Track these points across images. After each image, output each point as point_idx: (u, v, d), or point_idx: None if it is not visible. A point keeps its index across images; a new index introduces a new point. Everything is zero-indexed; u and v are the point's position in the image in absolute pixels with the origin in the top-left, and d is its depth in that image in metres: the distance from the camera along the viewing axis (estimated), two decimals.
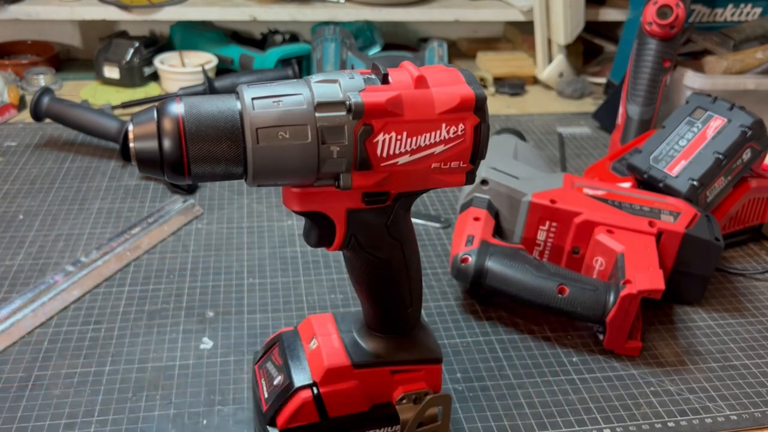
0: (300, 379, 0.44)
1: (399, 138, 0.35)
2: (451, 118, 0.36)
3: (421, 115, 0.36)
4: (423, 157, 0.37)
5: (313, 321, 0.47)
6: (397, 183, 0.38)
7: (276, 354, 0.47)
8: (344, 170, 0.35)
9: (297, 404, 0.44)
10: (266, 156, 0.34)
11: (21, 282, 0.66)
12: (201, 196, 0.83)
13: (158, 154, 0.33)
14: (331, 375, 0.44)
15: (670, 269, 0.67)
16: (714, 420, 0.55)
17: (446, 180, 0.38)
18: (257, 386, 0.47)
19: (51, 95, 0.91)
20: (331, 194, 0.37)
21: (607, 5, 1.28)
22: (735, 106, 0.74)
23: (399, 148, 0.36)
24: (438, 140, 0.36)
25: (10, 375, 0.55)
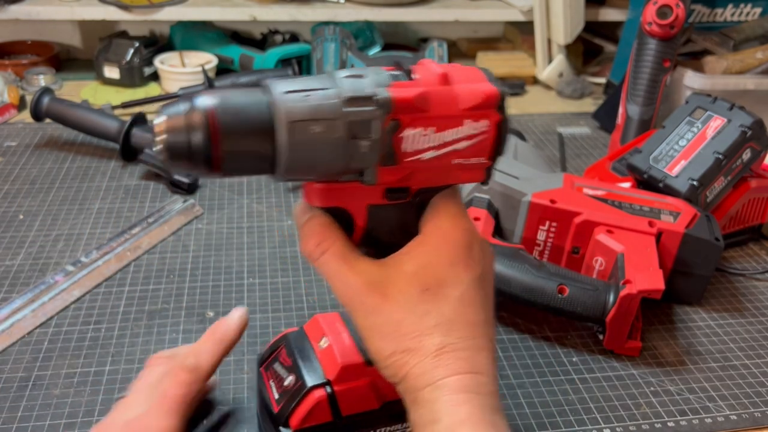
0: (312, 379, 0.44)
1: (425, 134, 0.35)
2: (475, 115, 0.36)
3: (447, 110, 0.36)
4: (446, 153, 0.37)
5: (321, 320, 0.47)
6: (419, 179, 0.38)
7: (284, 355, 0.47)
8: (370, 165, 0.35)
9: (311, 404, 0.44)
10: (298, 150, 0.33)
11: (21, 282, 0.66)
12: (201, 196, 0.83)
13: (188, 148, 0.32)
14: (344, 373, 0.44)
15: (669, 269, 0.67)
16: (714, 420, 0.55)
17: (466, 176, 0.38)
18: (265, 388, 0.47)
19: (51, 95, 0.91)
20: (354, 189, 0.37)
21: (606, 5, 1.28)
22: (735, 106, 0.74)
23: (424, 144, 0.36)
24: (462, 136, 0.36)
25: (10, 375, 0.55)
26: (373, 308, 0.37)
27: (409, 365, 0.36)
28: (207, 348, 0.47)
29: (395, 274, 0.37)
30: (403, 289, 0.37)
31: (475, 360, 0.37)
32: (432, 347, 0.36)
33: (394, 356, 0.36)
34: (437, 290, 0.37)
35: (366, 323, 0.37)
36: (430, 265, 0.37)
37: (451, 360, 0.36)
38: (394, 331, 0.36)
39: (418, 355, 0.36)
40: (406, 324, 0.36)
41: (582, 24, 1.22)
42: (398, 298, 0.37)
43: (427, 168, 0.37)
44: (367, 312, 0.37)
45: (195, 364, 0.45)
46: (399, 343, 0.36)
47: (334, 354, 0.44)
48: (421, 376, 0.36)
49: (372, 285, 0.37)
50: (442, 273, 0.37)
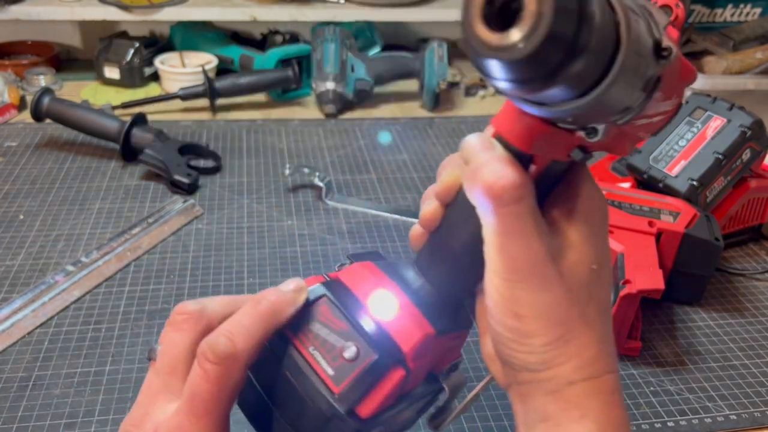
0: (388, 354, 0.33)
1: (658, 98, 0.29)
2: (680, 92, 0.31)
3: (677, 80, 0.30)
4: (647, 125, 0.31)
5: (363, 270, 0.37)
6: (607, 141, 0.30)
7: (328, 314, 0.35)
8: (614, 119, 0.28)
9: (392, 386, 0.33)
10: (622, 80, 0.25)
11: (21, 282, 0.66)
12: (201, 197, 0.83)
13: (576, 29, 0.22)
14: (421, 347, 0.34)
15: (669, 269, 0.67)
16: (714, 420, 0.55)
17: (624, 148, 0.33)
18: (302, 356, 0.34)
19: (51, 95, 0.91)
20: (557, 138, 0.30)
21: None
22: (734, 106, 0.74)
23: (651, 109, 0.29)
24: (665, 110, 0.31)
25: (10, 375, 0.55)
26: (549, 283, 0.31)
27: (567, 358, 0.31)
28: (245, 326, 0.33)
29: (566, 246, 0.32)
30: (575, 265, 0.32)
31: (615, 355, 0.33)
32: (593, 338, 0.32)
33: (556, 343, 0.31)
34: (599, 271, 0.32)
35: (535, 299, 0.31)
36: (593, 238, 0.32)
37: (605, 354, 0.32)
38: (563, 316, 0.31)
39: (577, 346, 0.31)
40: (576, 309, 0.31)
41: None
42: (571, 276, 0.31)
43: (623, 134, 0.31)
44: (543, 286, 0.31)
45: (228, 351, 0.32)
46: (566, 328, 0.31)
47: (407, 321, 0.34)
48: (578, 370, 0.31)
49: (553, 255, 0.31)
50: (600, 250, 0.33)
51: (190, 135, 0.98)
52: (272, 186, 0.86)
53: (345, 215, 0.81)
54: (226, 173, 0.89)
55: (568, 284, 0.31)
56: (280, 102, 1.14)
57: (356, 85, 1.11)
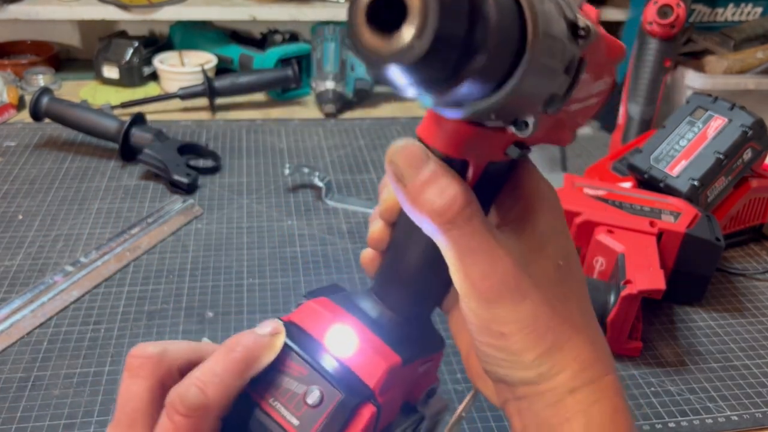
0: (355, 391, 0.31)
1: (589, 80, 0.28)
2: (611, 70, 0.30)
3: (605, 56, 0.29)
4: (581, 109, 0.30)
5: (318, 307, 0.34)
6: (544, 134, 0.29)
7: (286, 360, 0.32)
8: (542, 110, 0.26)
9: (363, 425, 0.31)
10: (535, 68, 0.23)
11: (20, 282, 0.66)
12: (200, 196, 0.83)
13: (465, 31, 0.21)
14: (388, 379, 0.32)
15: (670, 269, 0.66)
16: (714, 420, 0.55)
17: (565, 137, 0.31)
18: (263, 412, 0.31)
19: (50, 95, 0.91)
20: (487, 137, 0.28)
21: (607, 5, 1.27)
22: (735, 106, 0.74)
23: (582, 92, 0.28)
24: (598, 90, 0.30)
25: (9, 375, 0.55)
26: (525, 294, 0.28)
27: (563, 366, 0.29)
28: (218, 374, 0.29)
29: (528, 249, 0.29)
30: (544, 267, 0.29)
31: (610, 353, 0.31)
32: (585, 340, 0.30)
33: (548, 353, 0.29)
34: (567, 265, 0.30)
35: (514, 314, 0.28)
36: (554, 234, 0.30)
37: (601, 355, 0.30)
38: (547, 324, 0.29)
39: (571, 350, 0.29)
40: (557, 311, 0.29)
41: None
42: (542, 279, 0.29)
43: (559, 123, 0.29)
44: (519, 300, 0.28)
45: (199, 401, 0.28)
46: (554, 335, 0.29)
47: (369, 354, 0.32)
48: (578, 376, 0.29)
49: (521, 263, 0.29)
50: (564, 244, 0.31)
51: (189, 135, 0.98)
52: (272, 186, 0.86)
53: (345, 215, 0.81)
54: (225, 173, 0.89)
55: (543, 289, 0.29)
56: (279, 102, 1.14)
57: (356, 85, 1.11)
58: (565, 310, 0.30)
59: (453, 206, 0.27)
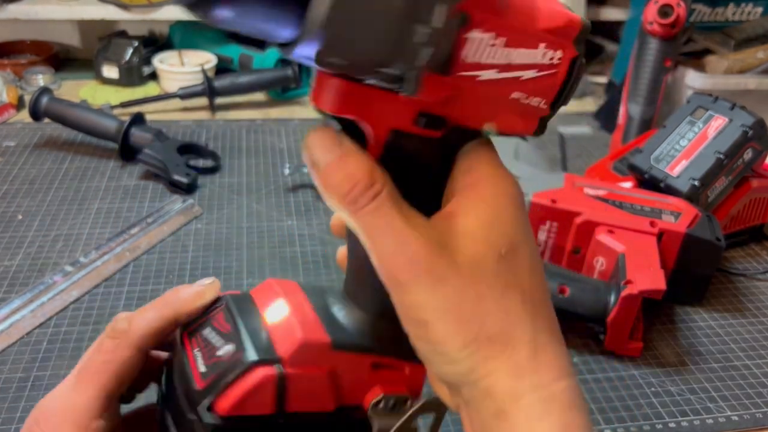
0: (260, 352, 0.32)
1: (494, 43, 0.27)
2: (552, 40, 0.28)
3: (525, 23, 0.28)
4: (508, 80, 0.28)
5: (276, 285, 0.36)
6: (463, 107, 0.28)
7: (220, 318, 0.35)
8: (418, 66, 0.25)
9: (253, 383, 0.31)
10: (340, 12, 0.23)
11: (20, 282, 0.66)
12: (200, 196, 0.83)
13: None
14: (303, 351, 0.32)
15: (671, 269, 0.66)
16: (715, 420, 0.55)
17: (516, 122, 0.30)
18: (186, 358, 0.34)
19: (50, 95, 0.91)
20: (380, 100, 0.27)
21: (608, 4, 1.27)
22: (736, 106, 0.74)
23: (489, 57, 0.27)
24: (531, 62, 0.28)
25: (9, 375, 0.55)
26: (442, 277, 0.27)
27: (497, 362, 0.27)
28: (146, 312, 0.35)
29: (460, 234, 0.28)
30: (476, 253, 0.27)
31: (565, 354, 0.29)
32: (525, 338, 0.27)
33: (474, 345, 0.27)
34: (513, 256, 0.28)
35: (432, 298, 0.27)
36: (498, 222, 0.28)
37: (550, 358, 0.28)
38: (473, 310, 0.27)
39: (508, 349, 0.27)
40: (489, 301, 0.27)
41: None
42: (472, 265, 0.27)
43: (479, 95, 0.28)
44: (435, 282, 0.27)
45: (122, 328, 0.34)
46: (481, 327, 0.27)
47: (293, 325, 0.33)
48: (515, 381, 0.27)
49: (438, 245, 0.27)
50: (512, 233, 0.28)
51: (189, 134, 0.98)
52: (272, 186, 0.86)
53: None
54: (225, 173, 0.89)
55: (470, 274, 0.27)
56: (279, 101, 1.14)
57: None
58: (501, 301, 0.27)
59: (357, 186, 0.27)
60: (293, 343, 0.32)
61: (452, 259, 0.27)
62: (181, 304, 0.35)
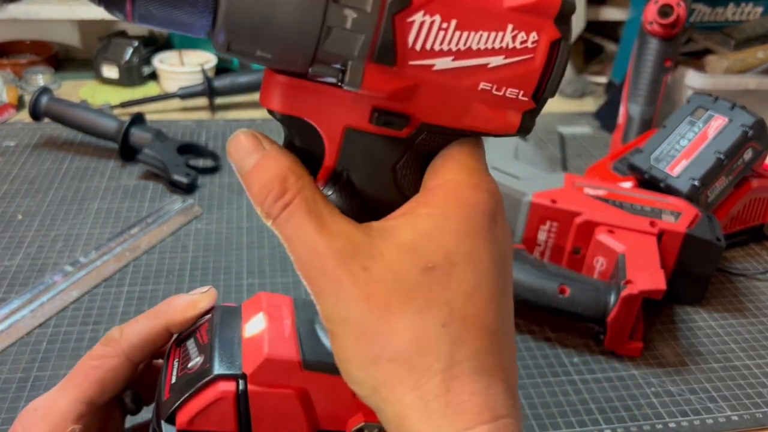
0: (224, 366, 0.31)
1: (444, 27, 0.23)
2: (523, 21, 0.24)
3: (482, 2, 0.24)
4: (471, 68, 0.25)
5: (264, 299, 0.35)
6: (425, 103, 0.25)
7: (204, 330, 0.34)
8: (356, 56, 0.23)
9: (211, 398, 0.30)
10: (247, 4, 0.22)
11: (20, 282, 0.66)
12: (200, 196, 0.83)
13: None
14: (268, 369, 0.31)
15: (671, 269, 0.66)
16: (715, 420, 0.55)
17: (493, 118, 0.26)
18: (166, 367, 0.34)
19: (50, 95, 0.91)
20: (329, 96, 0.26)
21: (607, 4, 1.27)
22: (736, 106, 0.74)
23: (441, 43, 0.24)
24: (497, 47, 0.24)
25: (9, 375, 0.55)
26: (347, 288, 0.24)
27: (402, 389, 0.24)
28: (137, 322, 0.35)
29: (384, 243, 0.25)
30: (394, 264, 0.25)
31: (496, 394, 0.24)
32: (437, 365, 0.24)
33: (374, 366, 0.24)
34: (446, 270, 0.25)
35: (335, 310, 0.25)
36: (438, 232, 0.25)
37: (465, 392, 0.24)
38: (376, 328, 0.24)
39: (414, 376, 0.24)
40: (398, 318, 0.24)
41: (583, 23, 1.22)
42: (386, 277, 0.24)
43: (440, 87, 0.25)
44: (339, 293, 0.25)
45: (113, 336, 0.35)
46: (384, 346, 0.24)
47: (262, 342, 0.31)
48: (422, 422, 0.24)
49: (349, 254, 0.25)
50: (452, 245, 0.25)
51: (189, 134, 0.98)
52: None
53: None
54: (225, 173, 0.88)
55: (382, 286, 0.24)
56: None
57: None
58: (415, 319, 0.24)
59: (269, 196, 0.26)
60: (258, 359, 0.31)
61: (366, 268, 0.25)
62: (172, 313, 0.35)
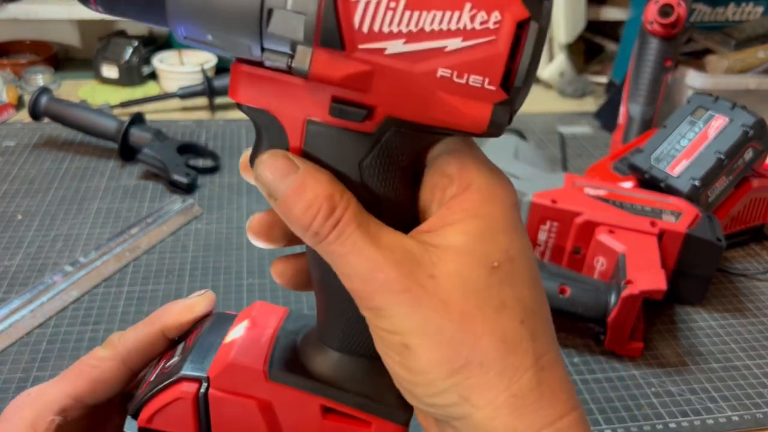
0: (191, 367, 0.31)
1: (392, 6, 0.22)
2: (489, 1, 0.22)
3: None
4: (426, 51, 0.22)
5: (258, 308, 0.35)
6: (383, 92, 0.24)
7: (194, 335, 0.35)
8: (302, 39, 0.22)
9: (171, 397, 0.31)
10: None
11: (20, 282, 0.66)
12: (200, 196, 0.83)
13: None
14: (231, 374, 0.30)
15: (671, 269, 0.66)
16: (715, 421, 0.55)
17: (460, 110, 0.24)
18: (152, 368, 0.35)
19: (49, 95, 0.90)
20: (288, 87, 0.25)
21: (608, 4, 1.27)
22: (736, 106, 0.74)
23: (390, 24, 0.22)
24: (454, 28, 0.22)
25: (8, 375, 0.55)
26: (420, 298, 0.24)
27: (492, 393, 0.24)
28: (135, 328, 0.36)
29: (439, 250, 0.24)
30: (460, 268, 0.24)
31: (570, 383, 0.25)
32: (526, 363, 0.24)
33: (463, 373, 0.24)
34: (509, 267, 0.25)
35: (411, 322, 0.24)
36: (490, 231, 0.25)
37: (556, 387, 0.24)
38: (460, 333, 0.24)
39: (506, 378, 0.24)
40: (479, 322, 0.24)
41: (583, 23, 1.22)
42: (455, 282, 0.24)
43: (397, 74, 0.23)
44: (413, 304, 0.24)
45: (113, 341, 0.36)
46: (472, 351, 0.24)
47: (233, 346, 0.31)
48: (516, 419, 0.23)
49: (412, 264, 0.24)
50: (506, 242, 0.25)
51: (189, 134, 0.98)
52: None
53: None
54: (225, 173, 0.88)
55: (454, 292, 0.24)
56: None
57: None
58: (496, 321, 0.24)
59: (318, 216, 0.25)
60: (223, 363, 0.31)
61: (432, 277, 0.24)
62: (167, 318, 0.35)
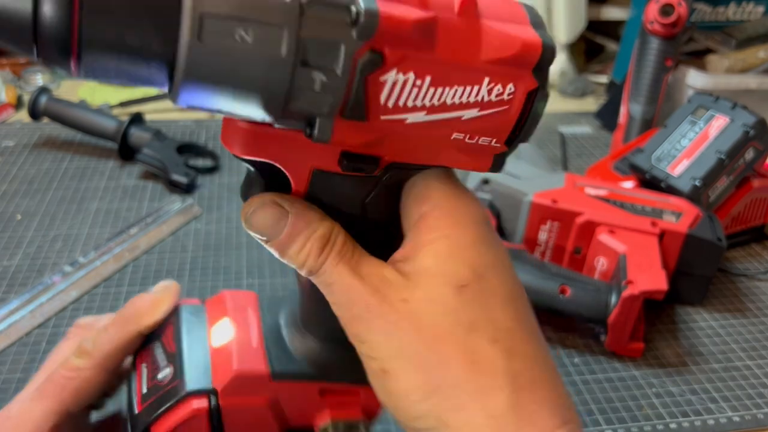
0: (195, 381, 0.31)
1: (418, 84, 0.23)
2: (500, 73, 0.24)
3: (460, 56, 0.23)
4: (444, 121, 0.24)
5: (229, 299, 0.35)
6: (395, 148, 0.25)
7: (169, 334, 0.34)
8: (325, 113, 0.23)
9: (184, 416, 0.31)
10: (208, 64, 0.21)
11: (19, 283, 0.66)
12: (200, 196, 0.82)
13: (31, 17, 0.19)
14: (238, 383, 0.31)
15: (672, 269, 0.66)
16: (716, 421, 0.55)
17: (464, 160, 0.26)
18: (134, 371, 0.34)
19: (49, 94, 0.90)
20: (295, 142, 0.25)
21: (608, 4, 1.27)
22: (737, 106, 0.74)
23: (414, 100, 0.23)
24: (473, 101, 0.24)
25: (8, 376, 0.55)
26: (395, 323, 0.25)
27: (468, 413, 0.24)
28: (108, 331, 0.35)
29: (413, 273, 0.26)
30: (429, 291, 0.25)
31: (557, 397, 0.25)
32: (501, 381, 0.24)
33: (437, 395, 0.24)
34: (477, 285, 0.25)
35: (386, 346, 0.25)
36: (456, 249, 0.25)
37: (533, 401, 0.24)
38: (433, 356, 0.24)
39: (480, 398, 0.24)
40: (450, 344, 0.24)
41: (584, 22, 1.22)
42: (426, 305, 0.25)
43: (410, 137, 0.25)
44: (388, 329, 0.25)
45: (89, 349, 0.34)
46: (444, 373, 0.24)
47: (231, 353, 0.32)
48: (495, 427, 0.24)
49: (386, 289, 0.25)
50: (474, 259, 0.26)
51: (188, 134, 0.98)
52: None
53: None
54: (224, 173, 0.88)
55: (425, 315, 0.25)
56: None
57: None
58: (466, 342, 0.24)
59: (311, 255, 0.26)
60: (228, 374, 0.31)
61: (405, 302, 0.25)
62: (141, 317, 0.35)
